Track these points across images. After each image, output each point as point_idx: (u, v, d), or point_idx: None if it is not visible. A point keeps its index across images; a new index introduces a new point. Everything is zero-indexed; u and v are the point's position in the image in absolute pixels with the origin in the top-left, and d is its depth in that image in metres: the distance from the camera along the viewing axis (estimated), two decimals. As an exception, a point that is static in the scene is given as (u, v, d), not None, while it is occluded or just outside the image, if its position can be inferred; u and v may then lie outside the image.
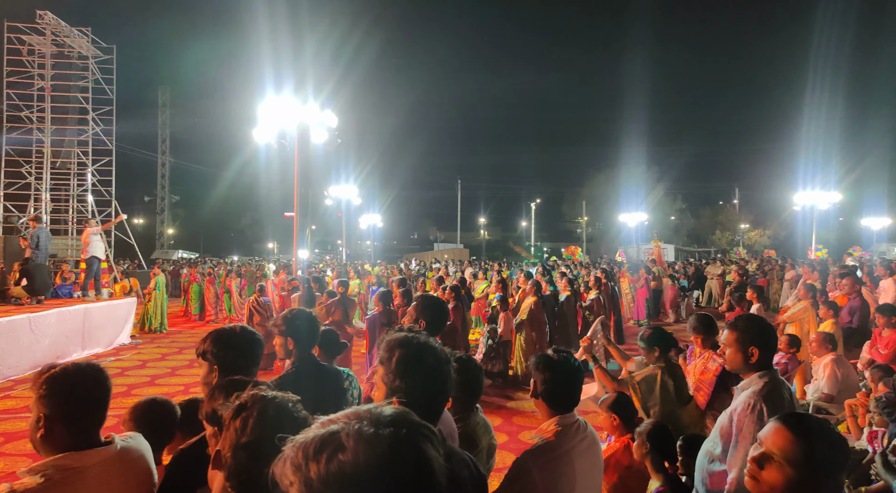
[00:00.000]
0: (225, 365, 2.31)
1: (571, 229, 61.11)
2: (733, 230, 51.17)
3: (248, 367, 2.40)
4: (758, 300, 8.41)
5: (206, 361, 2.35)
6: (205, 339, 2.39)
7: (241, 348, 2.39)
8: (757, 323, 2.57)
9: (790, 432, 1.55)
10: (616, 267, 19.23)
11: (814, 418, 1.65)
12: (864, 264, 14.19)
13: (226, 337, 2.39)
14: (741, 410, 2.40)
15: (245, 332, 2.44)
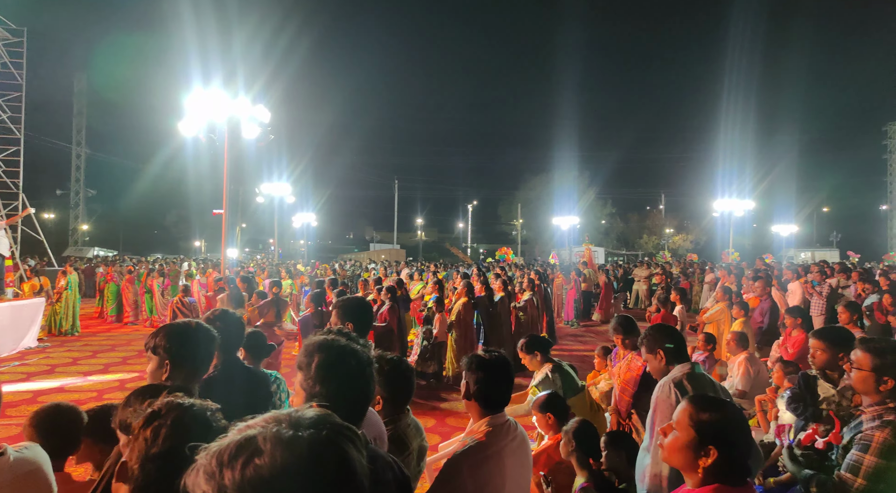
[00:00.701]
0: (177, 361, 2.25)
1: (507, 232, 62.06)
2: (659, 235, 53.38)
3: (201, 364, 2.35)
4: (680, 302, 8.79)
5: (156, 355, 2.27)
6: (157, 332, 2.32)
7: (196, 344, 2.33)
8: (657, 329, 2.81)
9: (690, 404, 1.76)
10: (549, 269, 19.64)
11: (712, 397, 1.85)
12: (774, 269, 15.11)
13: (181, 332, 2.32)
14: (657, 396, 2.59)
15: (201, 328, 2.38)
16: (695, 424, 1.72)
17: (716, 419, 1.71)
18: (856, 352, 2.40)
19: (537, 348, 4.57)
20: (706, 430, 1.69)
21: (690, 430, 1.72)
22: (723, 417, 1.71)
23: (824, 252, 40.09)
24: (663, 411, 2.52)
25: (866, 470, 2.19)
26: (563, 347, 11.72)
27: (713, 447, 1.67)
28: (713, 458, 1.67)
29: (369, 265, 23.68)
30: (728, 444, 1.68)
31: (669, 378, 2.57)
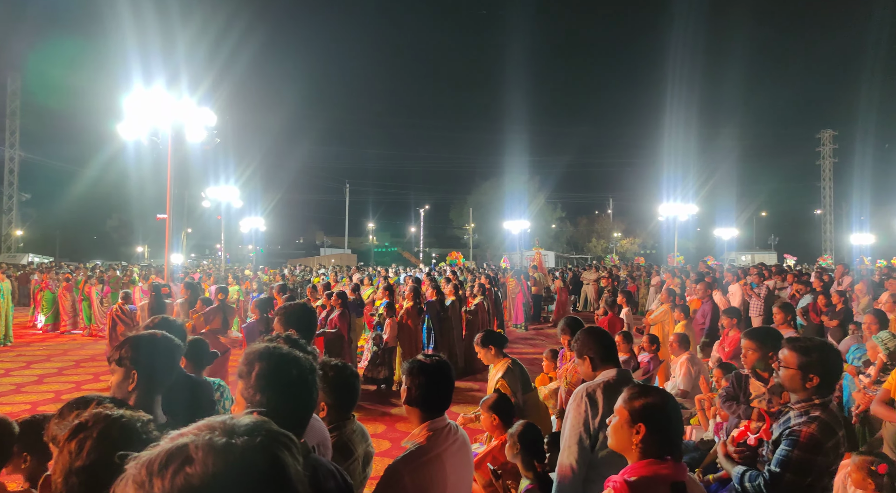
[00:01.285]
0: (144, 372, 2.24)
1: (459, 236, 62.29)
2: (607, 238, 54.63)
3: (166, 375, 2.34)
4: (627, 304, 9.03)
5: (122, 367, 2.24)
6: (122, 344, 2.30)
7: (162, 354, 2.32)
8: (586, 333, 2.88)
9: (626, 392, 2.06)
10: (501, 273, 19.82)
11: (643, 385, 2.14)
12: (716, 271, 15.69)
13: (146, 343, 2.32)
14: (570, 402, 2.66)
15: (165, 338, 2.38)
16: (627, 406, 2.00)
17: (644, 402, 1.98)
18: (783, 351, 2.51)
19: (492, 343, 4.72)
20: (636, 410, 1.97)
21: (624, 411, 2.00)
22: (650, 400, 1.99)
23: (763, 255, 41.87)
24: (574, 418, 2.56)
25: (794, 464, 2.29)
26: (512, 350, 11.79)
27: (642, 424, 1.93)
28: (643, 434, 1.93)
29: (319, 270, 23.36)
30: (655, 421, 1.94)
31: (584, 388, 2.61)
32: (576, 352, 2.91)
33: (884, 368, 4.35)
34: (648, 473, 1.89)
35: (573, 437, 2.54)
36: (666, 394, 2.04)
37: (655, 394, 2.02)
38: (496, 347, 4.70)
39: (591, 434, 2.50)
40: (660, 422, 1.95)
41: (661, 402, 1.98)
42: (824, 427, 2.31)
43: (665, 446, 1.95)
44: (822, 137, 44.46)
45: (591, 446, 2.50)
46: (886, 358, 4.39)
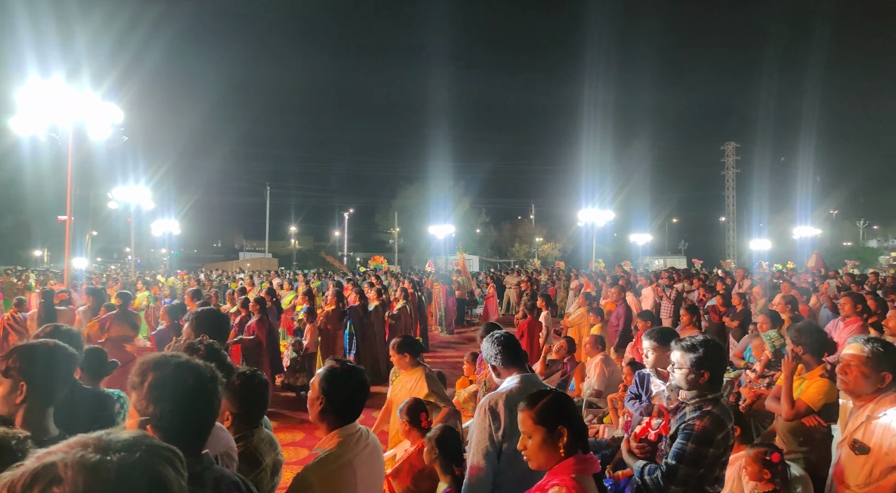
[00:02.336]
0: (34, 384, 2.10)
1: (384, 240, 62.01)
2: (530, 243, 55.99)
3: (59, 386, 2.21)
4: (546, 308, 9.25)
5: (9, 378, 2.09)
6: (9, 353, 2.15)
7: (54, 364, 2.18)
8: (492, 340, 2.88)
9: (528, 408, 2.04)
10: (426, 277, 19.86)
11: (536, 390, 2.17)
12: (631, 275, 16.41)
13: (36, 352, 2.17)
14: (475, 417, 2.68)
15: (59, 347, 2.24)
16: (538, 420, 1.97)
17: (549, 405, 2.00)
18: (674, 353, 2.65)
19: (408, 350, 4.63)
20: (548, 418, 1.96)
21: (539, 427, 1.96)
22: (551, 400, 2.01)
23: (674, 259, 44.19)
24: (479, 432, 2.58)
25: (688, 456, 2.42)
26: (436, 354, 11.89)
27: (562, 427, 1.94)
28: (566, 436, 1.95)
29: (238, 275, 22.57)
30: (569, 421, 1.98)
31: (487, 400, 2.63)
32: (486, 361, 2.95)
33: (769, 364, 4.70)
34: (583, 469, 1.93)
35: (480, 449, 2.56)
36: (563, 394, 2.11)
37: (556, 395, 2.06)
38: (411, 354, 4.62)
39: (497, 446, 2.54)
40: (574, 420, 2.00)
41: (565, 400, 2.04)
42: (715, 421, 2.45)
43: (584, 444, 2.00)
44: (726, 149, 47.48)
45: (498, 455, 2.54)
46: (772, 355, 4.74)
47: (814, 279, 13.15)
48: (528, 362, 3.17)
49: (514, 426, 2.06)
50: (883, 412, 2.38)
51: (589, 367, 6.61)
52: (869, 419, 2.43)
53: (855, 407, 2.55)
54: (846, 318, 5.69)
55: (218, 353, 2.54)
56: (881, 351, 2.48)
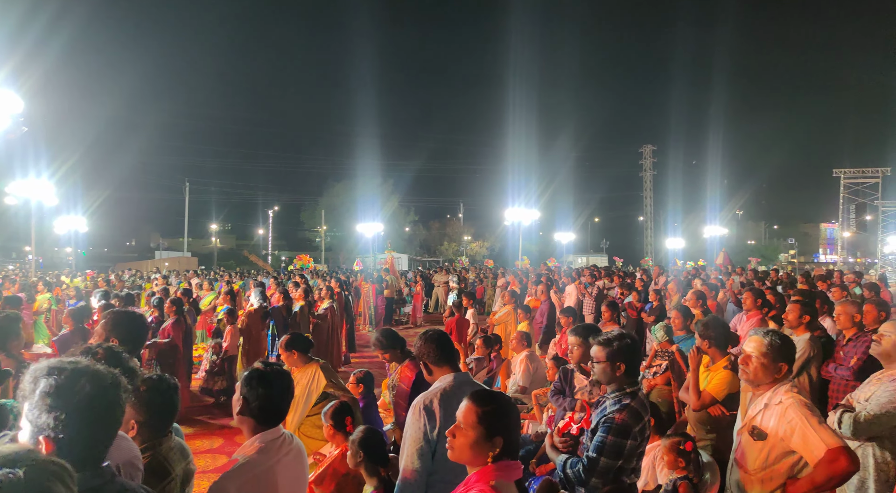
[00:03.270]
0: None
1: (311, 238, 60.82)
2: (459, 242, 56.46)
3: None
4: (472, 306, 9.36)
5: None
6: None
7: None
8: (419, 339, 2.89)
9: (474, 404, 1.94)
10: (353, 276, 19.64)
11: (489, 390, 2.06)
12: (555, 273, 16.86)
13: None
14: (408, 415, 2.66)
15: None
16: (482, 420, 1.90)
17: (496, 411, 1.92)
18: (593, 348, 2.75)
19: (295, 347, 4.60)
20: (491, 423, 1.89)
21: (480, 427, 1.90)
22: (500, 407, 1.93)
23: (596, 258, 45.75)
24: (413, 431, 2.56)
25: (609, 448, 2.51)
26: (363, 354, 11.77)
27: (500, 437, 1.88)
28: (500, 447, 1.88)
29: (153, 275, 21.47)
30: (508, 432, 1.91)
31: (422, 399, 2.63)
32: (419, 358, 2.92)
33: (657, 355, 5.02)
34: (504, 476, 1.89)
35: (414, 449, 2.54)
36: (508, 398, 2.03)
37: (503, 399, 2.00)
38: (299, 351, 4.59)
39: (432, 445, 2.53)
40: (512, 428, 1.95)
41: (510, 407, 1.97)
42: (633, 413, 2.56)
43: (515, 449, 1.97)
44: (644, 152, 49.69)
45: (432, 455, 2.53)
46: (658, 347, 5.06)
47: (721, 276, 13.96)
48: (460, 361, 3.19)
49: (449, 424, 2.03)
50: (779, 400, 2.55)
51: (514, 363, 6.73)
52: (766, 406, 2.60)
53: (754, 396, 2.72)
54: (748, 312, 6.08)
55: (120, 356, 2.39)
56: (778, 343, 2.66)
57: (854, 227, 48.49)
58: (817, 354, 4.44)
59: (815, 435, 2.36)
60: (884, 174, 40.82)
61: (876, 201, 41.68)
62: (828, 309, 6.02)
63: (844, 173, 42.78)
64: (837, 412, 3.11)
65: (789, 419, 2.45)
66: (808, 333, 4.55)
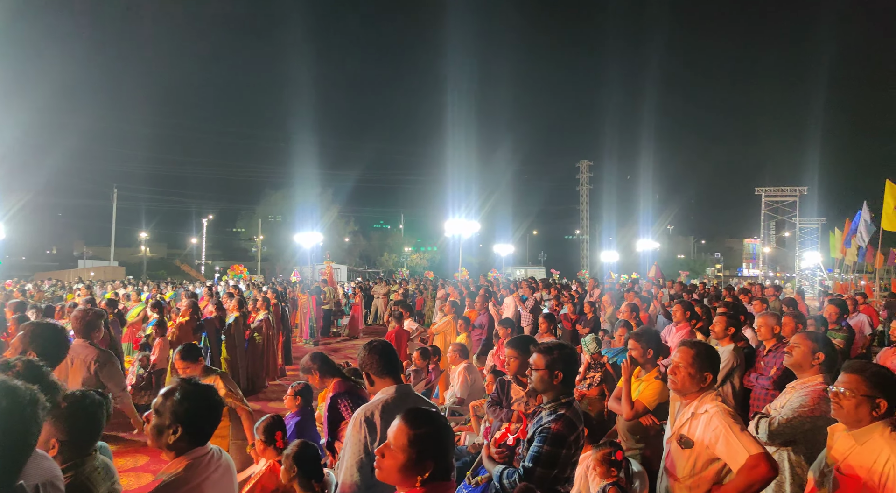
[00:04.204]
0: None
1: (247, 248, 59.24)
2: (399, 253, 56.32)
3: None
4: (410, 316, 9.33)
5: None
6: None
7: None
8: (363, 350, 2.85)
9: (406, 425, 1.86)
10: (290, 287, 19.25)
11: (424, 411, 1.96)
12: (494, 284, 17.04)
13: None
14: (348, 429, 2.62)
15: None
16: (413, 444, 1.82)
17: (429, 434, 1.85)
18: (532, 356, 2.80)
19: (189, 358, 4.56)
20: (423, 448, 1.82)
21: (410, 450, 1.82)
22: (435, 430, 1.87)
23: (534, 270, 46.56)
24: (354, 444, 2.53)
25: (544, 458, 2.55)
26: (296, 367, 11.52)
27: (430, 461, 1.81)
28: (430, 470, 1.81)
29: (75, 285, 20.33)
30: (441, 457, 1.86)
31: (363, 411, 2.61)
32: (361, 367, 2.87)
33: (590, 366, 5.18)
34: None
35: (354, 462, 2.51)
36: (440, 418, 1.98)
37: (438, 421, 1.93)
38: (194, 361, 4.56)
39: (372, 458, 2.49)
40: (447, 451, 1.90)
41: (445, 428, 1.92)
42: (568, 423, 2.61)
43: (447, 471, 1.90)
44: (581, 167, 51.12)
45: (372, 469, 2.49)
46: (590, 359, 5.22)
47: (653, 288, 14.48)
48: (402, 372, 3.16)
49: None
50: (705, 409, 2.67)
51: (453, 375, 6.74)
52: (693, 415, 2.71)
53: (682, 405, 2.83)
54: (678, 323, 6.33)
55: (39, 370, 2.26)
56: (704, 354, 2.79)
57: (774, 243, 51.40)
58: (740, 364, 4.67)
59: (738, 442, 2.47)
60: (801, 194, 43.54)
61: (794, 219, 44.36)
62: (749, 321, 6.34)
63: (765, 192, 45.35)
64: (755, 418, 3.27)
65: (714, 427, 2.56)
66: (732, 344, 4.77)
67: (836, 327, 6.33)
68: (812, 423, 3.05)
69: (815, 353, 3.25)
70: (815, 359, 3.25)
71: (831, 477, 2.42)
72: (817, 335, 3.42)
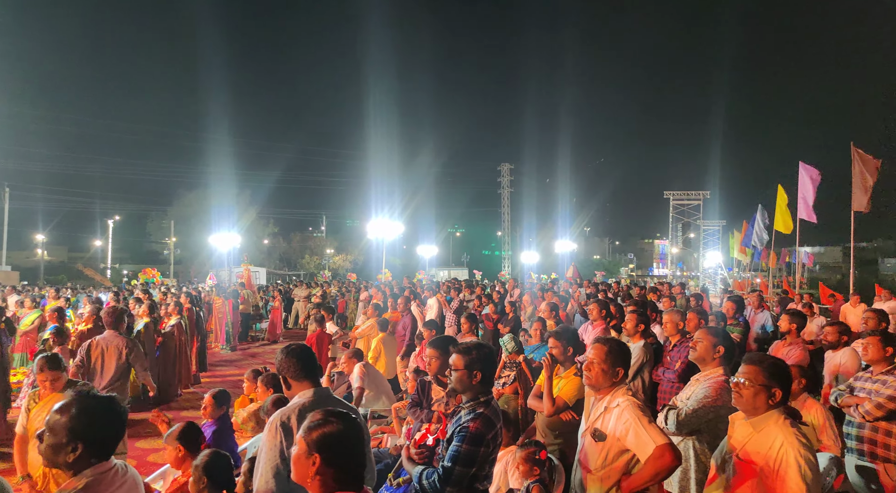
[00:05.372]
0: None
1: (158, 250, 56.31)
2: (321, 255, 55.26)
3: None
4: (332, 319, 9.19)
5: None
6: None
7: None
8: (280, 353, 2.81)
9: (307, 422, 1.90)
10: (206, 291, 18.51)
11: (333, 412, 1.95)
12: (418, 286, 17.08)
13: None
14: (265, 431, 2.57)
15: None
16: (305, 436, 1.86)
17: (322, 432, 1.85)
18: (452, 357, 2.83)
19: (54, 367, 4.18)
20: (313, 441, 1.84)
21: (302, 442, 1.86)
22: (328, 429, 1.85)
23: (457, 271, 47.01)
24: (269, 449, 2.48)
25: (463, 457, 2.57)
26: (215, 372, 11.11)
27: (317, 455, 1.81)
28: (318, 465, 1.81)
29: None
30: (332, 452, 1.83)
31: (279, 415, 2.56)
32: (279, 371, 2.81)
33: (506, 366, 5.32)
34: None
35: (269, 468, 2.44)
36: (349, 421, 1.91)
37: (336, 422, 1.88)
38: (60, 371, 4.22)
39: (288, 464, 2.43)
40: (338, 453, 1.85)
41: (341, 430, 1.86)
42: (486, 421, 2.65)
43: (344, 478, 1.85)
44: (502, 170, 52.10)
45: (288, 474, 2.43)
46: (507, 359, 5.37)
47: (570, 288, 14.98)
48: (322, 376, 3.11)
49: None
50: (616, 403, 2.79)
51: (352, 376, 6.65)
52: (606, 409, 2.83)
53: (596, 400, 2.95)
54: (594, 321, 6.58)
55: None
56: (617, 350, 2.91)
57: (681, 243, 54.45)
58: (650, 359, 4.91)
59: (645, 434, 2.60)
60: (704, 197, 46.45)
61: (698, 221, 47.21)
62: (659, 318, 6.68)
63: (673, 195, 48.03)
64: (664, 411, 3.46)
65: (624, 420, 2.68)
66: (642, 340, 5.02)
67: (734, 322, 6.79)
68: (715, 413, 3.25)
69: (716, 347, 3.48)
70: (716, 352, 3.47)
71: (731, 463, 2.59)
72: (717, 330, 3.66)
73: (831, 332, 5.25)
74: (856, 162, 10.60)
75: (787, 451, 2.36)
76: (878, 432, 3.73)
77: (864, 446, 3.78)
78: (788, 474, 2.32)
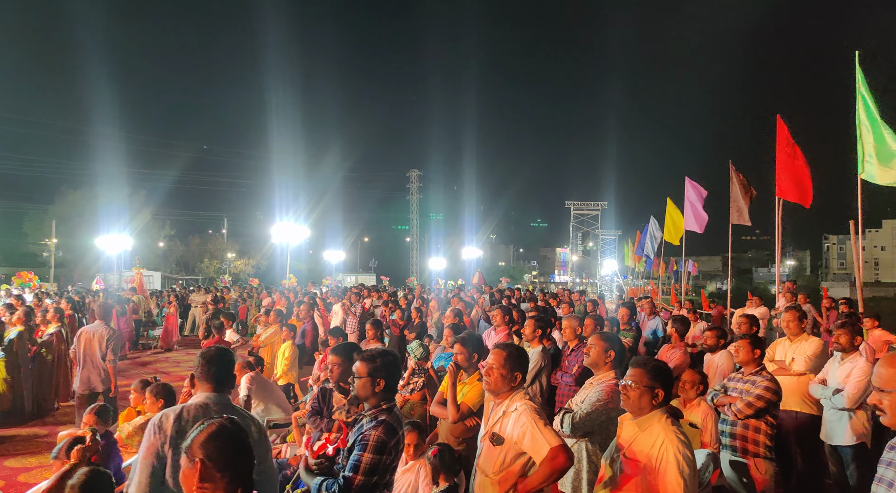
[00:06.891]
0: None
1: (37, 252, 51.62)
2: (221, 259, 52.88)
3: None
4: (231, 326, 8.83)
5: None
6: None
7: None
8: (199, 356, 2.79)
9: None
10: (92, 297, 17.24)
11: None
12: (325, 293, 16.78)
13: None
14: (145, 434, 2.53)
15: None
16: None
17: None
18: (356, 364, 2.81)
19: None
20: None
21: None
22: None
23: (365, 276, 46.63)
24: (146, 449, 2.42)
25: (364, 466, 2.54)
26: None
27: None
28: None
29: None
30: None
31: (158, 416, 2.50)
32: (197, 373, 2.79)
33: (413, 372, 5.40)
34: None
35: (145, 468, 2.39)
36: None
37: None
38: None
39: (163, 462, 2.39)
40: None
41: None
42: (388, 429, 2.64)
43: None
44: (411, 176, 52.41)
45: (163, 474, 2.39)
46: (415, 365, 5.44)
47: (475, 294, 15.27)
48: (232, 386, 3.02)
49: (180, 441, 1.88)
50: (514, 407, 2.87)
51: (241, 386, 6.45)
52: (505, 413, 2.91)
53: (495, 404, 3.02)
54: (498, 327, 6.74)
55: None
56: (515, 355, 3.01)
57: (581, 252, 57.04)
58: (547, 364, 5.10)
59: (541, 436, 2.69)
60: (602, 208, 48.99)
61: (597, 230, 49.69)
62: (559, 324, 6.96)
63: (574, 205, 50.29)
64: (560, 414, 3.60)
65: (521, 424, 2.77)
66: (540, 345, 5.20)
67: (626, 328, 7.19)
68: (607, 414, 3.42)
69: (608, 351, 3.67)
70: (607, 357, 3.66)
71: (619, 462, 2.74)
72: (609, 335, 3.86)
73: (710, 336, 5.68)
74: (733, 182, 11.54)
75: (668, 448, 2.53)
76: (748, 429, 4.06)
77: (736, 442, 4.10)
78: (668, 470, 2.48)
